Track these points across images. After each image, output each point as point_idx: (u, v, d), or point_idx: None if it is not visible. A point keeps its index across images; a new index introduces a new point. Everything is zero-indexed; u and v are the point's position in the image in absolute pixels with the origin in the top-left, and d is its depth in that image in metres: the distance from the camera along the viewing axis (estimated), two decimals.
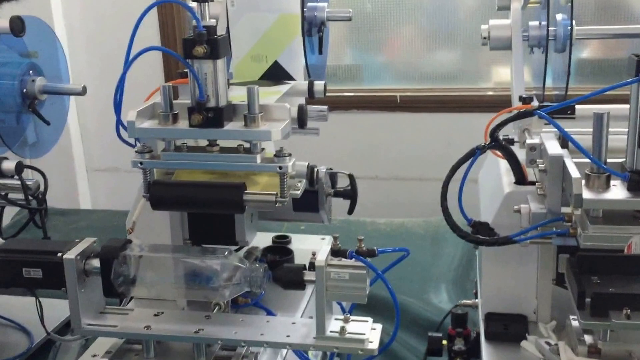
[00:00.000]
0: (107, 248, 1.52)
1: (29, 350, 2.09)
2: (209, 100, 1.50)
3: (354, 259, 1.46)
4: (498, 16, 2.10)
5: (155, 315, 1.57)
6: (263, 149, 1.56)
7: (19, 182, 1.92)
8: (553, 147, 1.54)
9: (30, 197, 1.92)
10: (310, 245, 2.11)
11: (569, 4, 1.90)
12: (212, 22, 1.50)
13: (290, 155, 1.53)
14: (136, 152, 1.57)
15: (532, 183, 1.71)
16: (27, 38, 2.06)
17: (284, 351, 1.69)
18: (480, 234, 1.61)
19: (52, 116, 2.12)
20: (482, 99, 3.54)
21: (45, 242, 1.65)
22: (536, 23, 2.02)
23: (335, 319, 1.50)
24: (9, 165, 1.91)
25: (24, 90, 2.02)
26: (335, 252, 1.48)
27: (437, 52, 3.67)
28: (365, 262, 1.45)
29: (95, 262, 1.51)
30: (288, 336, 1.49)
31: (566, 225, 1.50)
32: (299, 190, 1.66)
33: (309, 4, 2.06)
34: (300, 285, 1.51)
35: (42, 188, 1.97)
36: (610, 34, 2.17)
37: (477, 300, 2.16)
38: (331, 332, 1.47)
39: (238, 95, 1.60)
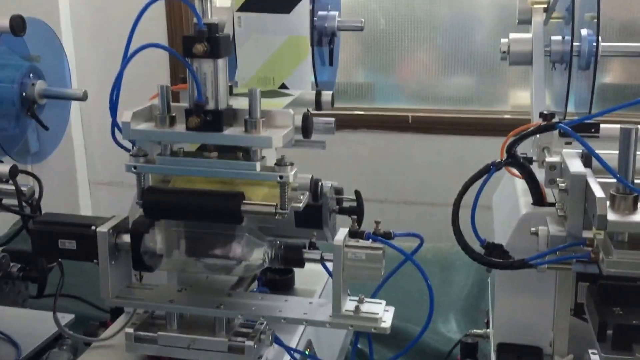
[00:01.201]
0: (138, 223, 1.53)
1: None
2: (207, 102, 1.40)
3: (371, 240, 1.47)
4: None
5: (178, 290, 1.60)
6: (263, 157, 1.46)
7: (13, 188, 1.82)
8: (575, 165, 1.43)
9: (24, 204, 1.83)
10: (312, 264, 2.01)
11: (595, 20, 1.81)
12: (215, 19, 1.39)
13: (292, 164, 1.43)
14: (131, 155, 1.47)
15: (552, 204, 1.61)
16: (30, 41, 1.99)
17: None
18: (494, 257, 1.50)
19: (53, 122, 2.04)
20: (498, 122, 3.40)
21: (80, 216, 1.67)
22: (559, 38, 1.92)
23: (350, 299, 1.51)
24: (3, 169, 1.81)
25: (24, 93, 1.94)
26: (352, 234, 1.49)
27: (452, 73, 3.56)
28: (386, 242, 1.47)
29: (126, 237, 1.53)
30: (305, 313, 1.51)
31: (586, 249, 1.39)
32: (301, 203, 1.54)
33: (320, 12, 1.97)
34: (300, 262, 1.53)
35: (37, 194, 1.88)
36: (636, 51, 2.06)
37: (488, 330, 2.04)
38: (346, 310, 1.49)
39: (242, 105, 1.50)
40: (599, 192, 1.30)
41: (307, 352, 1.77)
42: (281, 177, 1.42)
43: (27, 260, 1.96)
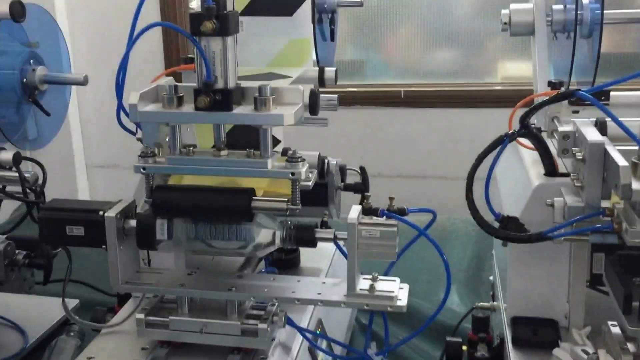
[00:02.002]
0: (144, 217, 1.46)
1: (24, 351, 1.94)
2: (216, 81, 1.30)
3: (385, 217, 1.40)
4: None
5: (188, 274, 1.53)
6: (275, 152, 1.38)
7: (16, 174, 1.74)
8: (592, 134, 1.34)
9: (28, 190, 1.74)
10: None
11: None
12: None
13: (303, 160, 1.35)
14: (139, 156, 1.38)
15: (564, 175, 1.53)
16: (29, 28, 1.90)
17: (294, 352, 1.55)
18: (510, 230, 1.42)
19: (53, 108, 1.95)
20: (489, 94, 3.34)
21: (86, 202, 1.61)
22: (560, 7, 1.82)
23: (364, 278, 1.45)
24: (7, 156, 1.73)
25: (24, 79, 1.85)
26: (366, 211, 1.42)
27: (440, 48, 3.47)
28: (400, 219, 1.40)
29: (134, 222, 1.46)
30: (319, 294, 1.45)
31: (606, 220, 1.31)
32: (310, 182, 1.46)
33: None
34: (312, 242, 1.44)
35: (40, 180, 1.79)
36: None
37: (495, 303, 1.97)
38: (361, 290, 1.42)
39: None
40: (621, 161, 1.21)
41: (318, 332, 1.70)
42: (293, 173, 1.34)
43: (32, 247, 1.88)
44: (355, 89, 3.48)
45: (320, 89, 1.70)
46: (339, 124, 3.40)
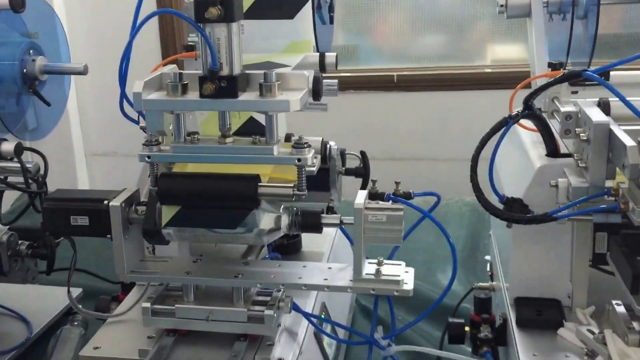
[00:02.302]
0: (151, 208, 1.42)
1: (28, 341, 1.91)
2: (222, 68, 1.25)
3: (390, 201, 1.38)
4: None
5: (194, 261, 1.50)
6: (279, 139, 1.34)
7: (18, 165, 1.70)
8: (596, 114, 1.32)
9: (30, 180, 1.70)
10: None
11: None
12: None
13: (309, 146, 1.31)
14: (143, 145, 1.33)
15: (566, 155, 1.50)
16: (27, 18, 1.85)
17: (301, 337, 1.53)
18: (514, 212, 1.39)
19: (52, 98, 1.90)
20: (479, 77, 3.32)
21: (90, 191, 1.56)
22: None
23: (369, 263, 1.42)
24: (8, 147, 1.69)
25: (24, 70, 1.80)
26: (372, 196, 1.40)
27: (431, 32, 3.44)
28: (407, 203, 1.38)
29: (140, 209, 1.43)
30: (325, 279, 1.42)
31: (611, 200, 1.29)
32: (314, 167, 1.43)
33: None
34: (318, 228, 1.41)
35: (42, 171, 1.75)
36: None
37: (494, 282, 1.95)
38: (367, 274, 1.40)
39: None
40: (629, 141, 1.19)
41: (322, 316, 1.67)
42: (299, 159, 1.30)
43: (35, 238, 1.84)
44: (349, 74, 3.44)
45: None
46: (333, 109, 3.37)
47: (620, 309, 1.35)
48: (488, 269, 2.12)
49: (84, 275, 2.17)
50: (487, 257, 2.19)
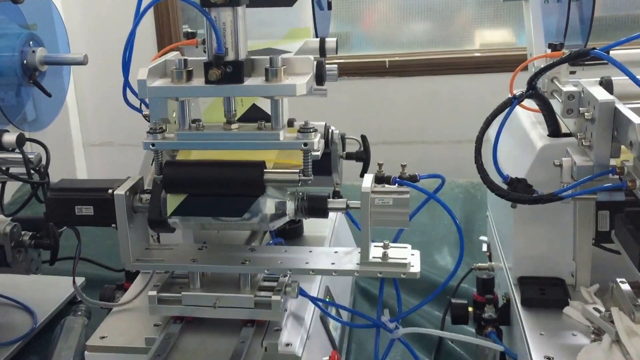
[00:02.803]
0: (156, 183, 1.38)
1: (33, 331, 1.87)
2: (227, 53, 1.21)
3: (397, 185, 1.35)
4: None
5: (199, 249, 1.45)
6: (285, 125, 1.30)
7: (20, 156, 1.65)
8: (600, 93, 1.28)
9: (32, 171, 1.65)
10: None
11: None
12: None
13: (315, 130, 1.27)
14: (148, 132, 1.29)
15: (567, 135, 1.47)
16: (26, 9, 1.80)
17: (307, 321, 1.48)
18: (518, 192, 1.35)
19: (52, 89, 1.85)
20: (469, 61, 3.28)
21: (94, 181, 1.50)
22: None
23: (375, 246, 1.39)
24: (10, 138, 1.64)
25: (25, 61, 1.76)
26: (378, 179, 1.37)
27: (418, 19, 3.39)
28: (413, 186, 1.35)
29: (144, 197, 1.39)
30: (333, 264, 1.38)
31: (615, 178, 1.25)
32: (319, 152, 1.38)
33: None
34: (325, 212, 1.37)
35: (43, 161, 1.70)
36: None
37: (493, 263, 1.92)
38: (374, 257, 1.36)
39: None
40: (636, 119, 1.15)
41: (327, 299, 1.64)
42: (306, 144, 1.26)
43: (38, 228, 1.78)
44: (342, 61, 3.40)
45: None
46: (328, 95, 3.33)
47: (625, 286, 1.31)
48: (485, 249, 2.09)
49: (86, 264, 2.12)
50: (483, 238, 2.16)
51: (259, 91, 1.24)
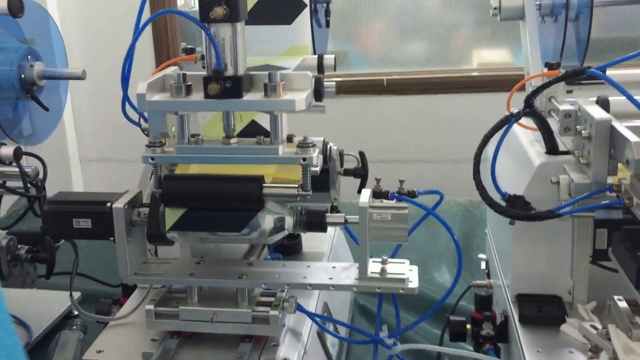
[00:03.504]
0: (155, 197, 1.38)
1: (28, 345, 1.86)
2: (226, 68, 1.22)
3: (395, 200, 1.35)
4: None
5: (197, 263, 1.45)
6: (283, 140, 1.31)
7: (17, 170, 1.66)
8: (597, 112, 1.30)
9: (29, 184, 1.66)
10: None
11: None
12: None
13: (314, 146, 1.28)
14: (147, 146, 1.30)
15: (564, 153, 1.48)
16: (24, 24, 1.81)
17: (305, 337, 1.49)
18: (517, 209, 1.36)
19: (50, 104, 1.86)
20: (467, 80, 3.31)
21: (92, 194, 1.50)
22: None
23: (374, 261, 1.39)
24: (7, 151, 1.64)
25: (22, 76, 1.76)
26: (376, 194, 1.38)
27: (415, 38, 3.42)
28: (411, 201, 1.35)
29: (142, 211, 1.39)
30: (330, 278, 1.38)
31: (613, 196, 1.26)
32: (318, 167, 1.39)
33: None
34: (323, 227, 1.37)
35: (40, 175, 1.70)
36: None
37: (491, 280, 1.92)
38: (372, 273, 1.36)
39: None
40: (633, 137, 1.16)
41: (325, 315, 1.64)
42: (304, 159, 1.27)
43: (34, 242, 1.79)
44: (340, 79, 3.42)
45: None
46: (326, 112, 3.35)
47: (623, 304, 1.32)
48: (484, 266, 2.09)
49: (82, 279, 2.12)
50: (482, 256, 2.17)
51: (258, 106, 1.25)
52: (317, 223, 1.36)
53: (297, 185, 1.30)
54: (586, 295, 1.47)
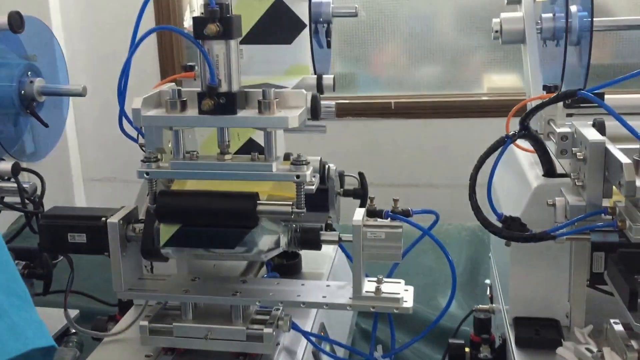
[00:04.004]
0: (150, 212, 1.40)
1: None
2: (220, 84, 1.25)
3: (389, 219, 1.36)
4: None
5: (192, 280, 1.48)
6: (278, 157, 1.34)
7: (15, 185, 1.69)
8: (592, 134, 1.32)
9: (27, 200, 1.69)
10: None
11: None
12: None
13: (308, 163, 1.31)
14: (142, 161, 1.33)
15: (562, 175, 1.50)
16: (26, 40, 1.86)
17: (299, 356, 1.51)
18: (513, 230, 1.38)
19: (51, 120, 1.91)
20: (476, 104, 3.32)
21: (88, 209, 1.56)
22: (550, 15, 1.80)
23: (369, 280, 1.41)
24: (5, 166, 1.68)
25: (22, 91, 1.81)
26: (371, 213, 1.39)
27: (427, 62, 3.45)
28: (405, 220, 1.36)
29: (137, 227, 1.42)
30: (324, 297, 1.40)
31: (608, 218, 1.28)
32: (313, 185, 1.42)
33: (314, 0, 1.84)
34: (317, 245, 1.39)
35: (39, 191, 1.73)
36: (628, 25, 1.95)
37: (493, 305, 1.93)
38: (367, 292, 1.38)
39: None
40: (624, 159, 1.18)
41: (321, 335, 1.65)
42: (298, 176, 1.29)
43: (32, 258, 1.82)
44: (347, 101, 3.45)
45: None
46: (331, 135, 3.36)
47: (618, 327, 1.34)
48: (488, 292, 2.10)
49: (81, 297, 2.14)
50: (487, 281, 2.18)
51: (251, 123, 1.29)
52: (311, 241, 1.38)
53: (291, 203, 1.33)
54: (584, 319, 1.48)
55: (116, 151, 3.38)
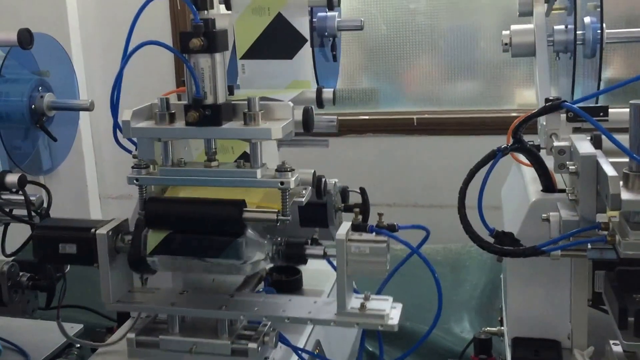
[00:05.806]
0: (139, 223, 1.48)
1: None
2: (206, 97, 1.33)
3: (374, 233, 1.39)
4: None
5: (180, 293, 1.55)
6: (264, 164, 1.40)
7: (22, 198, 1.77)
8: (585, 147, 1.35)
9: (33, 213, 1.78)
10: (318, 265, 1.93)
11: (598, 8, 1.74)
12: (212, 14, 1.34)
13: (292, 170, 1.37)
14: (132, 168, 1.42)
15: (562, 191, 1.53)
16: (39, 56, 1.96)
17: None
18: (505, 245, 1.41)
19: (61, 135, 2.00)
20: (504, 120, 3.30)
21: (80, 220, 1.62)
22: (562, 27, 1.84)
23: (356, 297, 1.44)
24: (12, 178, 1.76)
25: (33, 106, 1.90)
26: (355, 227, 1.41)
27: (456, 77, 3.46)
28: (391, 235, 1.38)
29: (127, 238, 1.49)
30: (310, 312, 1.44)
31: (601, 234, 1.30)
32: (303, 197, 1.47)
33: (319, 14, 1.90)
34: (302, 259, 1.45)
35: (45, 204, 1.82)
36: None
37: (502, 327, 1.95)
38: (352, 308, 1.41)
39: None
40: (610, 171, 1.21)
41: (316, 353, 1.69)
42: (282, 183, 1.35)
43: (36, 270, 1.90)
44: (367, 117, 3.49)
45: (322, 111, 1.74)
46: (352, 152, 3.41)
47: (617, 348, 1.35)
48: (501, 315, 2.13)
49: (87, 312, 2.22)
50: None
51: (235, 134, 1.35)
52: (295, 255, 1.43)
53: (276, 210, 1.38)
54: (586, 340, 1.49)
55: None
